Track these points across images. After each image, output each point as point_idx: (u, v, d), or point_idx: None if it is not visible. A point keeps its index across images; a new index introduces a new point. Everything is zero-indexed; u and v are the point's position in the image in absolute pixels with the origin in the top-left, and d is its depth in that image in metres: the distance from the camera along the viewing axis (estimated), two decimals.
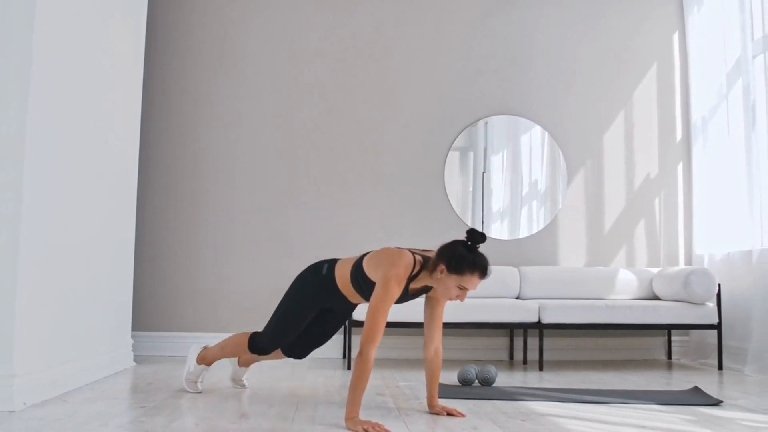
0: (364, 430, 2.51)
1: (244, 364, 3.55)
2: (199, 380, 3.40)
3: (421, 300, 3.05)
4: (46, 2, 3.10)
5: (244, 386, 3.56)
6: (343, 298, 3.07)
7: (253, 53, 5.24)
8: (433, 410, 2.93)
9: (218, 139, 5.15)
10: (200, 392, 3.35)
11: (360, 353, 2.63)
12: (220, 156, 5.15)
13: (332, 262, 3.08)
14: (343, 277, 2.99)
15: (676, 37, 5.46)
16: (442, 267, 2.72)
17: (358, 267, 2.92)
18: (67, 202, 3.41)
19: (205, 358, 3.41)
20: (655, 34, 5.46)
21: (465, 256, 2.70)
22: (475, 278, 2.70)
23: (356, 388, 2.60)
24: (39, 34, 3.03)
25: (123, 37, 4.21)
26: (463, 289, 2.72)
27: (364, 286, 2.91)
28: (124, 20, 4.22)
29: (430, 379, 2.97)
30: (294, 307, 3.14)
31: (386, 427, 2.54)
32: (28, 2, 2.99)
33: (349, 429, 2.56)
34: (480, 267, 2.70)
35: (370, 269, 2.86)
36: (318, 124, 5.17)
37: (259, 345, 3.20)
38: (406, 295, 2.88)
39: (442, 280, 2.74)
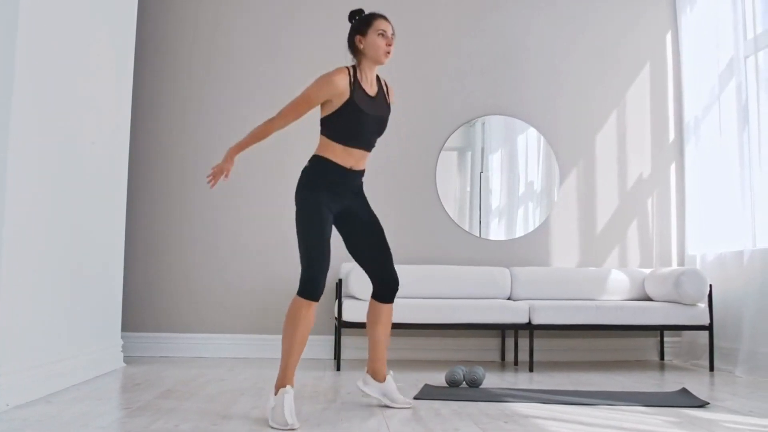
0: (219, 172, 3.02)
1: (374, 372, 3.15)
2: (288, 413, 2.67)
3: (412, 302, 3.02)
4: (31, 2, 3.09)
5: (406, 404, 3.12)
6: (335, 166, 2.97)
7: (244, 53, 5.24)
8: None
9: (208, 139, 5.15)
10: (296, 427, 2.66)
11: (269, 118, 2.99)
12: (211, 156, 5.12)
13: (311, 158, 3.06)
14: (320, 147, 3.02)
15: (668, 37, 5.45)
16: (359, 37, 3.00)
17: (321, 122, 3.01)
18: (52, 202, 3.41)
19: (281, 380, 2.84)
20: (647, 34, 5.45)
21: (361, 18, 3.03)
22: (380, 21, 3.01)
23: (251, 137, 3.00)
24: (23, 33, 3.02)
25: (112, 37, 4.21)
26: (383, 35, 2.98)
27: (328, 123, 2.98)
28: (113, 20, 4.22)
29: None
30: (309, 227, 2.89)
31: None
32: (12, 1, 2.98)
33: (223, 158, 3.04)
34: (376, 13, 3.04)
35: (321, 109, 3.00)
36: (311, 124, 5.15)
37: (306, 284, 2.82)
38: (372, 102, 2.99)
39: (367, 44, 2.98)
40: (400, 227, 5.15)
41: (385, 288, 3.09)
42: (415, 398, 3.32)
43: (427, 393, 3.46)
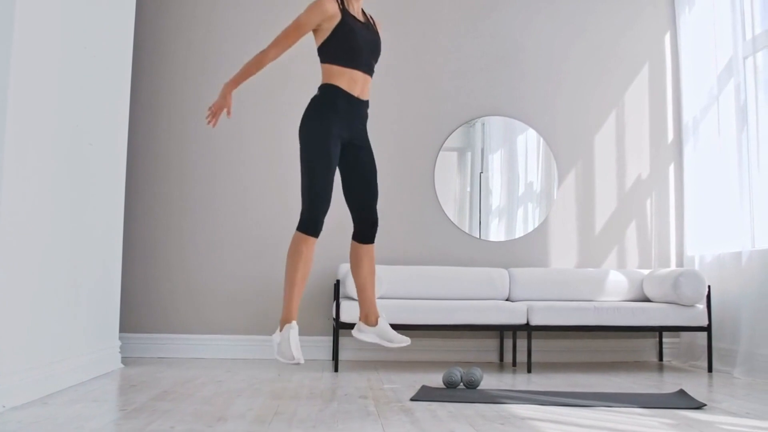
0: (217, 109, 3.04)
1: (366, 317, 3.17)
2: (294, 347, 2.83)
3: (409, 302, 3.03)
4: (27, 1, 3.08)
5: (403, 341, 3.19)
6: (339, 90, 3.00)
7: (242, 54, 5.21)
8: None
9: (207, 140, 5.15)
10: (301, 362, 2.87)
11: (262, 50, 3.02)
12: (209, 156, 5.15)
13: (319, 86, 3.08)
14: (324, 76, 3.04)
15: (667, 37, 5.44)
16: None
17: (319, 52, 3.06)
18: (50, 203, 3.41)
19: (285, 315, 2.92)
20: (646, 34, 5.44)
21: None
22: None
23: (245, 70, 3.05)
24: (19, 34, 3.02)
25: (109, 38, 4.21)
26: None
27: (325, 49, 3.03)
28: (110, 21, 4.22)
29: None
30: (313, 164, 2.89)
31: None
32: (8, 1, 2.97)
33: (219, 95, 3.09)
34: None
35: (316, 38, 3.06)
36: None
37: (306, 221, 2.86)
38: (363, 27, 3.05)
39: None
40: (398, 227, 5.15)
41: (365, 227, 3.12)
42: (412, 400, 3.32)
43: (425, 394, 3.45)
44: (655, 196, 5.35)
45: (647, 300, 4.95)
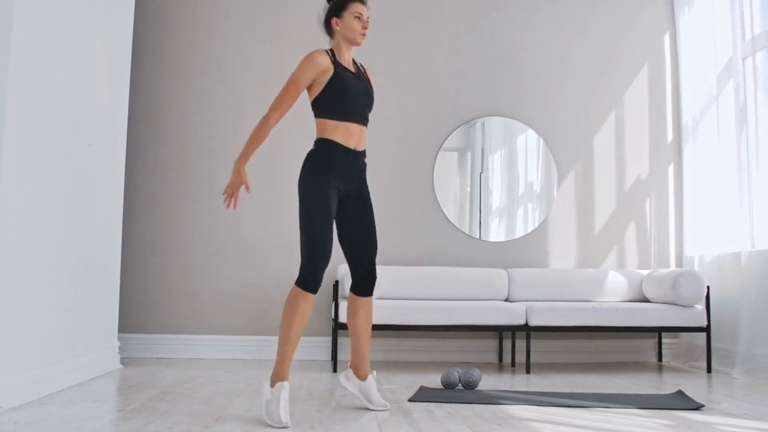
0: (233, 188, 2.92)
1: (356, 369, 3.11)
2: (282, 410, 2.70)
3: (409, 303, 3.02)
4: (26, 2, 3.08)
5: (382, 406, 3.08)
6: (337, 146, 2.97)
7: (241, 54, 5.24)
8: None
9: (206, 140, 5.15)
10: (287, 427, 2.68)
11: (265, 115, 2.95)
12: (208, 156, 5.15)
13: (315, 141, 3.06)
14: (319, 131, 3.02)
15: (667, 38, 5.44)
16: (335, 19, 3.06)
17: (312, 107, 3.04)
18: (49, 204, 3.41)
19: (277, 372, 2.85)
20: (646, 35, 5.44)
21: (337, 0, 3.07)
22: (356, 4, 3.03)
23: (251, 141, 2.96)
24: (18, 34, 3.02)
25: (108, 38, 4.21)
26: (359, 17, 3.02)
27: (319, 103, 3.00)
28: (109, 21, 4.22)
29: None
30: (313, 217, 2.86)
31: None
32: (6, 1, 2.97)
33: (232, 173, 2.95)
34: None
35: (309, 93, 3.03)
36: (307, 124, 5.15)
37: (305, 276, 2.81)
38: (355, 78, 3.02)
39: (343, 26, 3.03)
40: (397, 227, 5.15)
41: (364, 281, 3.09)
42: (410, 400, 3.32)
43: (423, 395, 3.45)
44: (654, 197, 5.34)
45: (646, 300, 4.95)
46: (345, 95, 2.96)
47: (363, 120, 3.04)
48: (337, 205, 3.00)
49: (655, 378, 4.34)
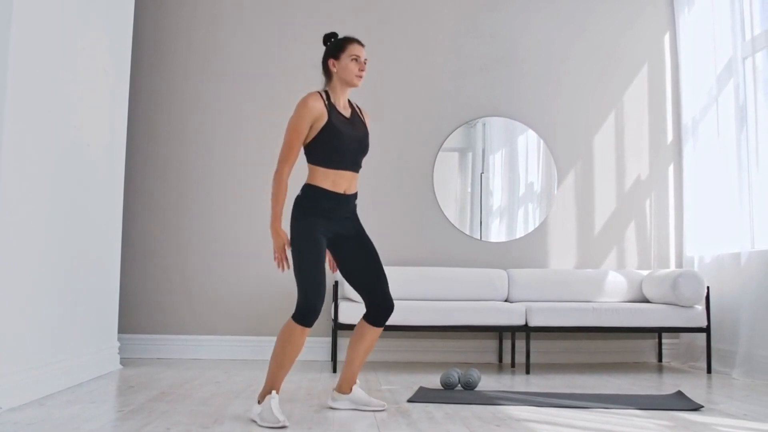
0: (280, 251, 2.91)
1: (342, 385, 3.14)
2: (276, 412, 2.74)
3: (408, 303, 3.01)
4: (25, 2, 3.08)
5: (379, 405, 3.10)
6: (324, 191, 2.97)
7: (241, 55, 5.24)
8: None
9: (206, 140, 5.15)
10: (286, 425, 2.71)
11: (276, 171, 2.95)
12: (208, 156, 5.15)
13: (302, 187, 3.04)
14: (310, 175, 3.01)
15: (667, 38, 5.43)
16: (332, 60, 3.03)
17: (305, 151, 3.02)
18: (48, 204, 3.41)
19: (267, 386, 2.89)
20: (645, 35, 5.43)
21: (336, 41, 3.06)
22: (355, 45, 3.02)
23: (275, 201, 2.93)
24: (17, 34, 3.02)
25: (108, 38, 4.21)
26: (356, 60, 3.00)
27: (311, 150, 2.99)
28: (109, 21, 4.22)
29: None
30: (305, 254, 2.90)
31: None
32: (6, 1, 2.98)
33: (273, 237, 2.93)
34: (351, 37, 3.05)
35: (307, 138, 2.99)
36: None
37: (302, 313, 2.82)
38: (349, 123, 2.99)
39: (340, 68, 3.01)
40: (396, 228, 5.14)
41: (378, 312, 3.06)
42: (409, 401, 3.32)
43: (422, 395, 3.45)
44: (654, 197, 5.34)
45: (646, 301, 4.94)
46: (337, 144, 2.93)
47: (355, 167, 3.03)
48: (333, 247, 3.02)
49: (654, 378, 4.34)
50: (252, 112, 5.21)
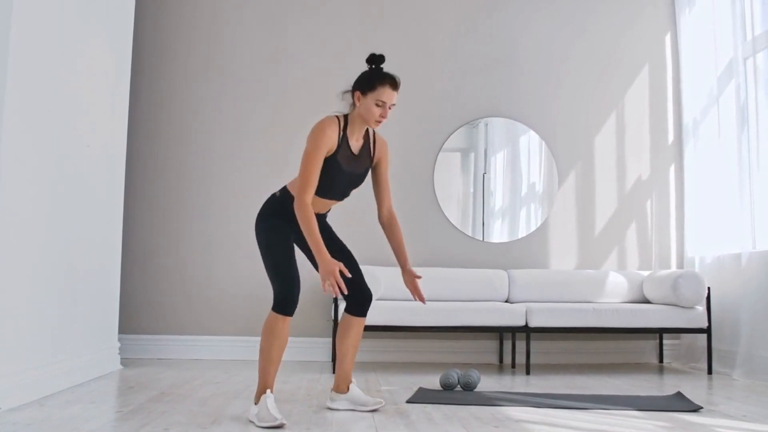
0: (333, 276, 2.72)
1: (339, 384, 3.12)
2: (273, 410, 2.74)
3: (408, 304, 3.01)
4: (25, 2, 3.09)
5: (377, 404, 3.08)
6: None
7: (242, 55, 5.24)
8: (406, 276, 3.18)
9: (206, 141, 5.16)
10: (284, 424, 2.71)
11: (297, 201, 2.81)
12: (208, 158, 5.15)
13: (282, 188, 3.04)
14: (292, 184, 2.99)
15: (667, 38, 5.43)
16: (358, 93, 2.93)
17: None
18: (49, 205, 3.42)
19: (261, 385, 2.88)
20: (646, 35, 5.43)
21: (372, 73, 2.94)
22: (386, 89, 2.90)
23: (310, 231, 2.78)
24: (17, 35, 3.02)
25: (109, 39, 4.22)
26: (382, 105, 2.90)
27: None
28: (109, 22, 4.22)
29: (397, 246, 3.17)
30: (272, 246, 2.91)
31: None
32: (5, 2, 2.98)
33: (324, 265, 2.74)
34: (388, 77, 2.93)
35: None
36: (306, 126, 5.15)
37: (280, 301, 2.83)
38: (354, 159, 2.96)
39: (363, 106, 2.92)
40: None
41: (357, 302, 3.06)
42: (409, 401, 3.32)
43: (421, 396, 3.45)
44: (655, 198, 5.33)
45: (647, 301, 4.94)
46: (333, 179, 2.92)
47: (342, 198, 3.05)
48: (300, 244, 2.99)
49: (655, 379, 4.33)
50: (252, 112, 5.21)
